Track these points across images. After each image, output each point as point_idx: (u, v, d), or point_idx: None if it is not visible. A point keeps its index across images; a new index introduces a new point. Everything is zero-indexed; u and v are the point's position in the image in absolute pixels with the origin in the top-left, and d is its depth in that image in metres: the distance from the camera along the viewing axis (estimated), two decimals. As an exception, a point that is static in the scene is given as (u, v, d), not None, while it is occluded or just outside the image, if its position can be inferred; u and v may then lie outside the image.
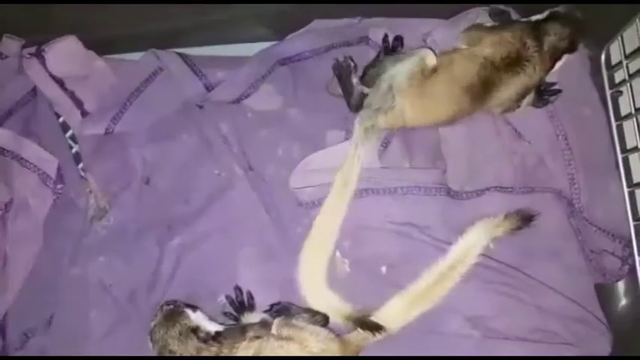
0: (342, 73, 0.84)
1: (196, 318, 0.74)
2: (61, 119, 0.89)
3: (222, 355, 0.71)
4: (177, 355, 0.71)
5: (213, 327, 0.74)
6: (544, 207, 0.83)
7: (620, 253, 0.82)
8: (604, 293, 0.85)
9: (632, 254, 0.80)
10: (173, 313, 0.74)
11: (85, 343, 0.82)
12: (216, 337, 0.72)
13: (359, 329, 0.75)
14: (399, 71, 0.79)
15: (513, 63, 0.77)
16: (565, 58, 0.79)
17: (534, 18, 0.79)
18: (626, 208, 0.81)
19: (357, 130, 0.80)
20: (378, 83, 0.80)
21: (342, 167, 0.80)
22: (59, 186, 0.86)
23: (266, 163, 0.88)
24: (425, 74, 0.78)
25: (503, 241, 0.81)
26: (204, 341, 0.71)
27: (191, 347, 0.71)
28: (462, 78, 0.77)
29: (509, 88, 0.78)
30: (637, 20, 0.76)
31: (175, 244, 0.84)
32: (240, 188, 0.85)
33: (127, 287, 0.84)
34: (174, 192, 0.86)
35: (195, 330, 0.72)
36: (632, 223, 0.81)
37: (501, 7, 0.84)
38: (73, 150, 0.89)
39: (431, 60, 0.79)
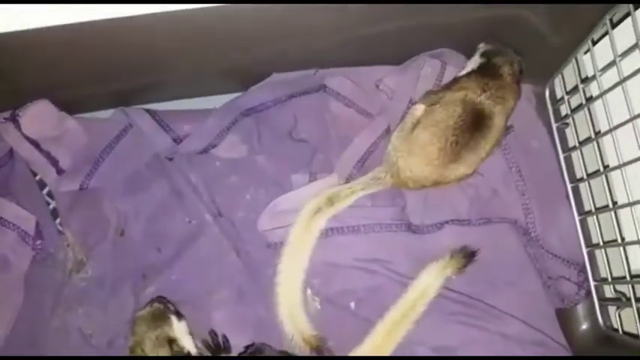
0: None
1: (178, 328, 0.78)
2: (37, 177, 0.92)
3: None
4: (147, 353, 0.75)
5: (189, 344, 0.78)
6: (501, 237, 0.87)
7: (575, 278, 0.85)
8: (566, 318, 0.88)
9: (587, 279, 0.84)
10: (160, 314, 0.78)
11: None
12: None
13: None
14: (396, 134, 0.84)
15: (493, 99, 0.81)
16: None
17: (476, 66, 0.84)
18: (578, 235, 0.85)
19: (369, 176, 0.86)
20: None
21: (331, 190, 0.85)
22: (38, 242, 0.88)
23: (235, 209, 0.91)
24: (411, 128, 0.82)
25: (465, 273, 0.84)
26: (175, 356, 0.75)
27: (162, 354, 0.74)
28: (447, 118, 0.80)
29: (500, 116, 0.82)
30: (573, 60, 0.81)
31: (150, 292, 0.86)
32: (211, 234, 0.88)
33: (106, 336, 0.86)
34: (148, 242, 0.89)
35: (171, 342, 0.76)
36: (584, 250, 0.84)
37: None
38: (51, 206, 0.91)
39: (418, 111, 0.83)
